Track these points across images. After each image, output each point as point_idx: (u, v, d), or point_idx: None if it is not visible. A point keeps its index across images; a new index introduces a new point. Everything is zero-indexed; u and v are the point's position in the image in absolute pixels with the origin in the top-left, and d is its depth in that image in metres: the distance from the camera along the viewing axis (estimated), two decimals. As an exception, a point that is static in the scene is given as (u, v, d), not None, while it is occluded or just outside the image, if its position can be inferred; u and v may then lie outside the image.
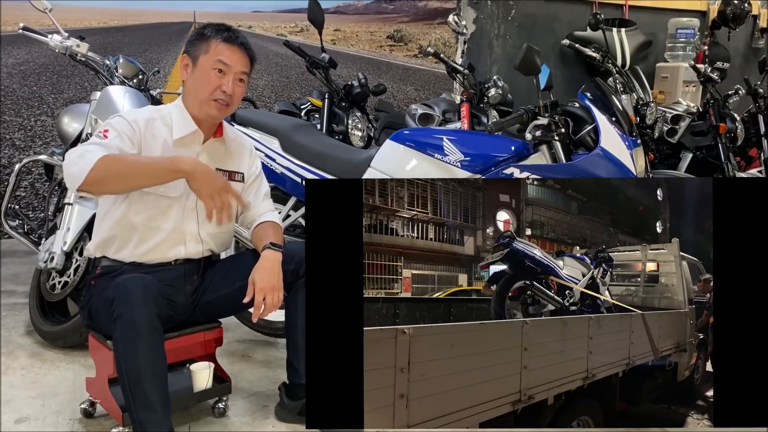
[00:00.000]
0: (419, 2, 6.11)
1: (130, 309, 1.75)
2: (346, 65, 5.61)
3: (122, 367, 1.76)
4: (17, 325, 2.89)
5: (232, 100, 1.99)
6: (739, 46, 5.56)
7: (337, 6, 5.93)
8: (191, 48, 1.99)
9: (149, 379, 1.75)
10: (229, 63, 1.95)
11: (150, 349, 1.76)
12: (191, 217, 2.02)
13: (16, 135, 4.47)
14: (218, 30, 1.98)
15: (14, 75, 4.56)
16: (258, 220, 2.16)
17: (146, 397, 1.75)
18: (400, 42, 6.06)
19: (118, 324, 1.75)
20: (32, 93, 4.62)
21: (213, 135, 2.06)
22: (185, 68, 2.00)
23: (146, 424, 1.75)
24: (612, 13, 5.11)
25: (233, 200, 1.92)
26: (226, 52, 1.95)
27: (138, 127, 1.92)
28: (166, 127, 1.98)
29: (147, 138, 1.93)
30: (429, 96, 5.74)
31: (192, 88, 1.99)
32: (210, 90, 1.95)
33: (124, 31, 5.32)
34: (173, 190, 1.95)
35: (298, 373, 2.09)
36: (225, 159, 2.10)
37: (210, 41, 1.96)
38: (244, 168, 2.15)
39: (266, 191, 2.24)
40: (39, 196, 4.31)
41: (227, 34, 1.97)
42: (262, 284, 1.93)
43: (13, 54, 4.60)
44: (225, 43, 1.96)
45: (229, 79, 1.96)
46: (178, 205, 1.99)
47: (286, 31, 5.72)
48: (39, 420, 2.13)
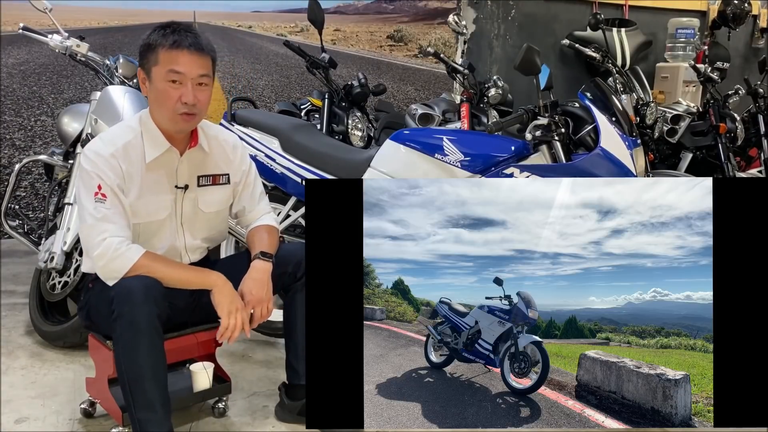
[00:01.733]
0: (419, 2, 6.11)
1: (132, 308, 1.74)
2: (346, 65, 5.60)
3: (122, 367, 1.75)
4: (17, 325, 2.89)
5: (198, 108, 1.87)
6: (739, 46, 5.56)
7: (337, 6, 5.93)
8: (143, 61, 1.86)
9: (149, 379, 1.75)
10: (183, 71, 1.81)
11: (150, 348, 1.75)
12: (181, 233, 2.01)
13: (16, 135, 4.47)
14: (164, 35, 1.82)
15: (14, 75, 4.56)
16: (254, 223, 2.14)
17: (146, 397, 1.74)
18: (400, 42, 6.06)
19: (118, 323, 1.75)
20: (32, 93, 4.62)
21: (189, 146, 1.96)
22: (143, 83, 1.89)
23: (146, 424, 1.75)
24: (612, 13, 5.11)
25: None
26: (176, 59, 1.81)
27: (118, 163, 1.85)
28: (136, 150, 1.89)
29: (128, 169, 1.87)
30: (429, 96, 5.74)
31: (154, 104, 1.88)
32: (171, 104, 1.83)
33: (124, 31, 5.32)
34: (160, 213, 1.94)
35: (298, 374, 2.08)
36: (206, 164, 2.01)
37: (157, 50, 1.82)
38: (229, 168, 2.07)
39: (261, 191, 2.18)
40: (39, 196, 4.31)
41: (174, 38, 1.81)
42: (250, 297, 1.92)
43: (13, 54, 4.60)
44: (174, 50, 1.81)
45: (187, 87, 1.82)
46: (168, 224, 1.98)
47: (286, 31, 5.71)
48: (39, 420, 2.13)
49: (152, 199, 1.91)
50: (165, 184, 1.94)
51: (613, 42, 4.66)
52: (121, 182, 1.85)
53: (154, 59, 1.83)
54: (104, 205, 1.81)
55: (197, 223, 2.04)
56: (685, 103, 4.13)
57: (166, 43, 1.81)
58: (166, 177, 1.94)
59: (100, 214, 1.81)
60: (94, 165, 1.84)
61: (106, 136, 1.91)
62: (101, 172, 1.83)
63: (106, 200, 1.82)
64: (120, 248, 1.79)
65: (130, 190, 1.87)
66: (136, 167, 1.88)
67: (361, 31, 6.06)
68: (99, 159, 1.84)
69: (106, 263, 1.79)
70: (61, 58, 3.73)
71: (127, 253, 1.79)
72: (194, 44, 1.83)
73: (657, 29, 5.17)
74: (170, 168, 1.94)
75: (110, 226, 1.81)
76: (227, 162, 2.07)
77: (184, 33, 1.83)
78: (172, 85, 1.82)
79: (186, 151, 1.96)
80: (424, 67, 6.05)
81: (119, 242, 1.80)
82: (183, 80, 1.82)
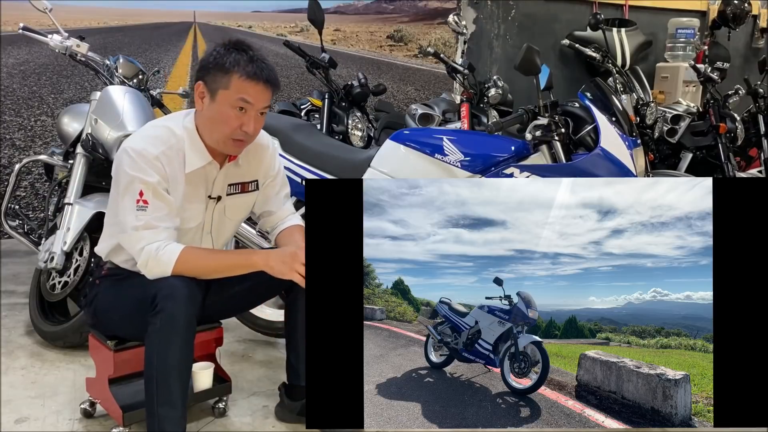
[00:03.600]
0: (419, 2, 6.12)
1: (175, 304, 1.74)
2: (346, 65, 5.61)
3: (153, 361, 1.75)
4: (17, 325, 2.89)
5: (252, 136, 1.88)
6: (739, 46, 5.55)
7: (337, 6, 5.93)
8: (208, 78, 1.81)
9: (176, 377, 1.76)
10: (253, 102, 1.80)
11: (184, 346, 1.77)
12: (208, 240, 2.03)
13: (16, 135, 4.47)
14: (240, 62, 1.78)
15: (14, 75, 4.57)
16: (282, 225, 2.15)
17: (170, 394, 1.75)
18: (400, 42, 6.07)
19: (159, 317, 1.74)
20: (32, 93, 4.62)
21: (228, 159, 1.96)
22: (200, 98, 1.84)
23: (165, 420, 1.75)
24: (612, 13, 5.11)
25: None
26: (250, 90, 1.79)
27: (162, 165, 1.82)
28: (178, 157, 1.86)
29: (171, 173, 1.84)
30: (429, 96, 5.74)
31: (209, 122, 1.85)
32: (230, 129, 1.82)
33: (124, 31, 5.32)
34: (191, 221, 1.94)
35: (298, 374, 2.09)
36: (238, 173, 2.02)
37: (231, 76, 1.78)
38: (259, 174, 2.07)
39: (286, 192, 2.18)
40: (39, 196, 4.31)
41: (251, 69, 1.78)
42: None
43: (13, 54, 4.60)
44: (249, 81, 1.78)
45: (250, 117, 1.82)
46: (196, 232, 1.98)
47: (286, 31, 5.72)
48: (39, 420, 2.13)
49: (186, 207, 1.91)
50: (200, 194, 1.94)
51: (613, 42, 4.66)
52: (166, 184, 1.83)
53: (225, 83, 1.79)
54: (146, 211, 1.79)
55: (222, 230, 2.06)
56: (685, 103, 4.13)
57: (243, 72, 1.78)
58: (201, 187, 1.94)
59: (140, 221, 1.79)
60: (136, 166, 1.79)
61: (148, 135, 1.86)
62: (144, 173, 1.79)
63: (148, 206, 1.79)
64: (158, 254, 1.79)
65: (172, 194, 1.86)
66: (178, 174, 1.87)
67: (361, 31, 6.07)
68: (142, 159, 1.80)
69: (149, 270, 1.81)
70: (61, 58, 3.73)
71: (164, 258, 1.79)
72: (270, 79, 1.82)
73: (657, 29, 5.16)
74: (207, 179, 1.94)
75: (148, 234, 1.80)
76: (258, 167, 2.07)
77: (261, 63, 1.81)
78: (237, 112, 1.81)
79: (225, 165, 1.96)
80: (424, 67, 6.06)
81: (156, 248, 1.79)
82: (249, 109, 1.81)
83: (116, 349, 1.96)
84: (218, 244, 2.07)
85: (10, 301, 3.17)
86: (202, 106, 1.85)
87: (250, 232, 2.73)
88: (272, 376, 2.50)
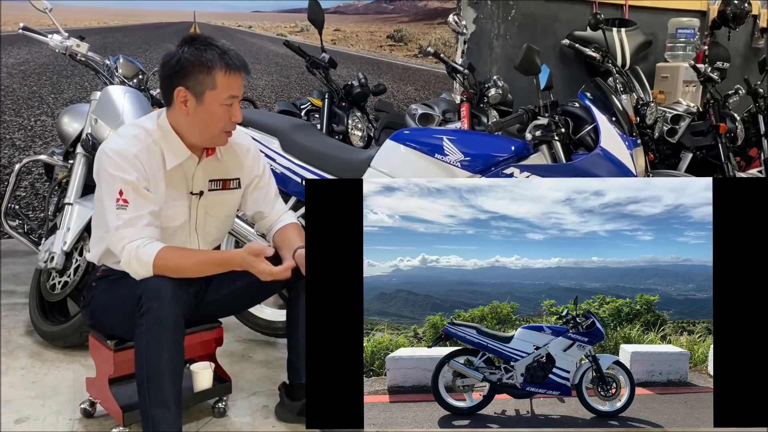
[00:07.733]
0: (419, 2, 6.11)
1: (161, 304, 1.75)
2: (346, 65, 5.60)
3: (143, 362, 1.75)
4: (17, 325, 2.89)
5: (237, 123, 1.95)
6: (739, 46, 5.56)
7: (337, 6, 5.93)
8: (190, 81, 1.82)
9: (168, 377, 1.76)
10: (238, 94, 1.87)
11: (173, 346, 1.77)
12: (194, 238, 2.03)
13: (16, 135, 4.47)
14: (217, 58, 1.81)
15: (14, 75, 4.56)
16: (276, 225, 2.15)
17: (163, 395, 1.75)
18: (400, 42, 6.06)
19: (145, 318, 1.74)
20: (32, 93, 4.62)
21: (206, 154, 1.98)
22: (183, 102, 1.84)
23: (159, 422, 1.75)
24: (612, 13, 5.11)
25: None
26: (234, 83, 1.85)
27: (141, 164, 1.84)
28: (157, 155, 1.89)
29: (151, 172, 1.86)
30: (429, 96, 5.74)
31: (199, 124, 1.87)
32: (222, 124, 1.88)
33: (124, 31, 5.32)
34: (176, 219, 1.95)
35: (299, 373, 2.08)
36: (217, 169, 2.03)
37: (214, 73, 1.81)
38: (240, 172, 2.08)
39: (276, 191, 2.20)
40: (39, 196, 4.31)
41: (228, 61, 1.82)
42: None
43: (13, 54, 4.60)
44: (230, 73, 1.83)
45: (236, 107, 1.89)
46: (183, 230, 1.99)
47: (286, 31, 5.71)
48: (39, 420, 2.13)
49: (170, 205, 1.92)
50: (182, 191, 1.96)
51: (613, 42, 4.66)
52: (146, 182, 1.85)
53: (211, 83, 1.82)
54: (126, 210, 1.81)
55: (208, 227, 2.05)
56: (685, 103, 4.13)
57: (225, 67, 1.82)
58: (182, 184, 1.95)
59: (121, 220, 1.81)
60: (116, 165, 1.82)
61: (125, 135, 1.89)
62: (124, 172, 1.82)
63: (128, 205, 1.81)
64: (138, 252, 1.80)
65: (153, 193, 1.87)
66: (157, 172, 1.88)
67: (361, 31, 6.06)
68: (120, 158, 1.82)
69: (132, 270, 1.82)
70: (61, 58, 3.73)
71: (143, 257, 1.79)
72: (245, 65, 1.87)
73: (657, 29, 5.17)
74: (186, 175, 1.96)
75: (129, 231, 1.81)
76: (239, 167, 2.08)
77: (231, 52, 1.84)
78: (226, 108, 1.86)
79: (203, 159, 1.97)
80: (424, 67, 6.05)
81: (136, 246, 1.80)
82: (234, 101, 1.87)
83: (116, 349, 1.96)
84: (206, 243, 2.07)
85: (10, 301, 3.17)
86: (186, 110, 1.86)
87: (249, 231, 2.73)
88: (272, 376, 2.50)
